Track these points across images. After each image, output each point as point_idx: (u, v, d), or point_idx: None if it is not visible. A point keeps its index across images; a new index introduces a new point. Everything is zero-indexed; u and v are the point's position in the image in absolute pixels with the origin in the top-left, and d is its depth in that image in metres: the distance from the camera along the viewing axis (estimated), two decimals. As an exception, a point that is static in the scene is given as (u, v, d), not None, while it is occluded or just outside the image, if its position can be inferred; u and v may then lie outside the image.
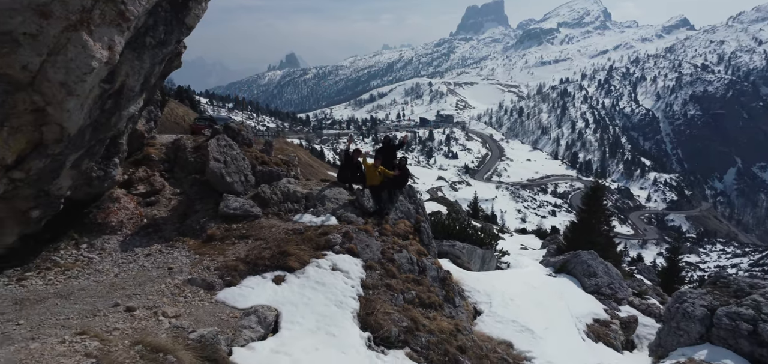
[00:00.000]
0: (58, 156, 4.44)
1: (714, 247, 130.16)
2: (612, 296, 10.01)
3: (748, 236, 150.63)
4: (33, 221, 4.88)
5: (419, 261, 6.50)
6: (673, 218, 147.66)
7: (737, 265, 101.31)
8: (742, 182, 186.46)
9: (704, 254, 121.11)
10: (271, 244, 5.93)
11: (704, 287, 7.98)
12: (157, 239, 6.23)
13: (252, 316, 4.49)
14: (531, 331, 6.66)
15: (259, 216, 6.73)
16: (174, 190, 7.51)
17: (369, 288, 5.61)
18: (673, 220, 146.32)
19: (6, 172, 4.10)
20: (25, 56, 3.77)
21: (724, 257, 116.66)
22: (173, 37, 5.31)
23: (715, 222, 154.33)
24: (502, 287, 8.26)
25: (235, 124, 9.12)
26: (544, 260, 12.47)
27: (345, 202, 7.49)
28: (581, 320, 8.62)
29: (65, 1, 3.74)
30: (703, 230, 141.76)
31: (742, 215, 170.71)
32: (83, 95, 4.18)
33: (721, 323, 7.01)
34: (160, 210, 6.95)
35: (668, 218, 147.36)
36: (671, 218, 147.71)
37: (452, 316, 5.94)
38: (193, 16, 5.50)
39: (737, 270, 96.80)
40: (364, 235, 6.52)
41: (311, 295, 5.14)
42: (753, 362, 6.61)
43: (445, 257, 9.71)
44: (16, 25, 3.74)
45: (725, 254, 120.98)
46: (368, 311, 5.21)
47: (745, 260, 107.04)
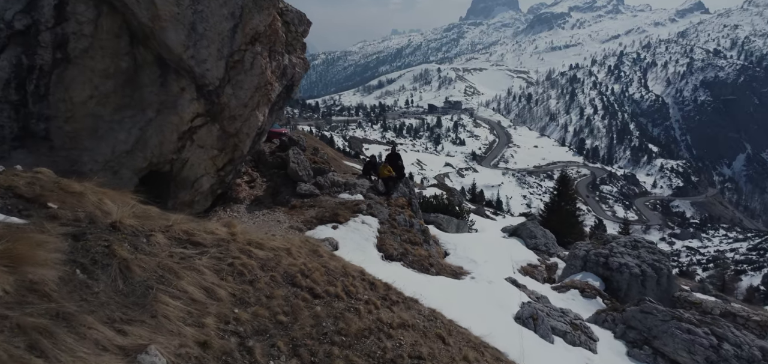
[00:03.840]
0: (237, 163, 9.32)
1: (716, 232, 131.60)
2: (545, 251, 14.80)
3: (753, 222, 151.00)
4: (216, 196, 9.81)
5: (410, 220, 11.32)
6: (678, 204, 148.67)
7: (737, 249, 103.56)
8: (751, 168, 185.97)
9: (706, 239, 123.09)
10: (327, 209, 10.76)
11: (589, 241, 12.78)
12: (263, 207, 11.11)
13: (326, 242, 9.39)
14: (475, 262, 11.45)
15: (318, 195, 11.56)
16: (263, 179, 12.41)
17: (382, 233, 10.42)
18: (678, 206, 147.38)
19: (217, 172, 8.99)
20: (237, 125, 8.58)
21: (726, 241, 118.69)
22: (285, 104, 10.05)
23: (721, 208, 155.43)
24: (465, 242, 13.11)
25: (297, 137, 14.06)
26: (505, 228, 17.24)
27: (368, 187, 12.39)
28: (518, 264, 13.43)
29: (251, 99, 8.51)
30: (707, 215, 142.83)
31: (750, 201, 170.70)
32: (251, 136, 9.01)
33: (590, 259, 11.82)
34: (259, 191, 11.85)
35: (673, 204, 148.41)
36: (676, 204, 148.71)
37: (427, 250, 10.75)
38: (294, 92, 10.28)
39: (735, 254, 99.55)
40: (379, 205, 11.32)
41: (352, 234, 10.00)
42: (603, 278, 11.41)
43: (431, 224, 14.56)
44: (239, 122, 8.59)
45: (727, 239, 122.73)
46: (381, 243, 10.09)
47: (745, 244, 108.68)
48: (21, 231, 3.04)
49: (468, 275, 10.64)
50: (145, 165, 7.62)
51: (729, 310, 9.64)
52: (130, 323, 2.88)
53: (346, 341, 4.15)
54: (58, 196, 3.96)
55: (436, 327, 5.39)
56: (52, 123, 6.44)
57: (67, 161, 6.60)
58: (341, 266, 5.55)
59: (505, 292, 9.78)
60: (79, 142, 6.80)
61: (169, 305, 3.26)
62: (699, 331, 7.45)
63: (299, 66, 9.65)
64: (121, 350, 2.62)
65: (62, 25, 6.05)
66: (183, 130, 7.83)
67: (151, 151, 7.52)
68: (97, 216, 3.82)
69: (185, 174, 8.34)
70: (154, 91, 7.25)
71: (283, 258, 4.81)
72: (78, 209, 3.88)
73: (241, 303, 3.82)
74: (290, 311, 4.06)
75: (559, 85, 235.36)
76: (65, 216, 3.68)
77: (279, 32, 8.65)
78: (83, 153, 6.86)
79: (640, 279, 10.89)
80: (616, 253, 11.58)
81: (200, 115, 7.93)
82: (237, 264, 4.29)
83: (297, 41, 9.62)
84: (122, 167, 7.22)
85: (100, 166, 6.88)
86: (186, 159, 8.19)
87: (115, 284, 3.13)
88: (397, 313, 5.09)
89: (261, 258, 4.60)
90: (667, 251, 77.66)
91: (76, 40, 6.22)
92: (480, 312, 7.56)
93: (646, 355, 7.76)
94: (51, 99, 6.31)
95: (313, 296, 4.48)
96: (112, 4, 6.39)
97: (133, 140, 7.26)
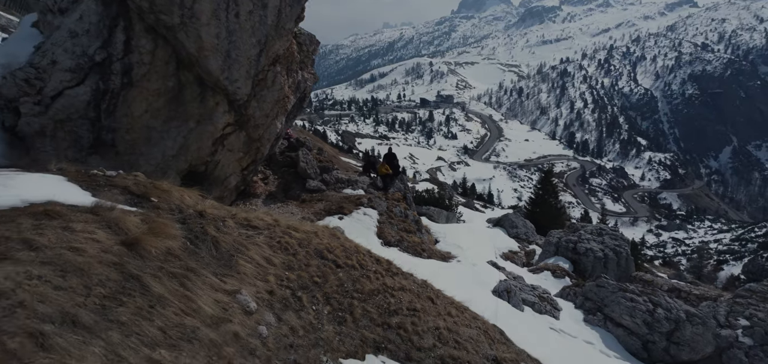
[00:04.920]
0: (257, 164, 10.92)
1: (702, 223, 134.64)
2: (525, 239, 16.62)
3: (738, 214, 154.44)
4: (239, 192, 11.40)
5: (405, 212, 13.00)
6: (665, 196, 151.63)
7: (720, 240, 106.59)
8: (736, 160, 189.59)
9: (692, 230, 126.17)
10: (333, 202, 12.38)
11: (562, 230, 14.62)
12: (277, 201, 12.70)
13: (335, 229, 11.04)
14: (462, 248, 13.19)
15: (325, 190, 13.18)
16: (275, 177, 14.00)
17: (381, 223, 12.09)
18: (665, 198, 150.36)
19: (241, 171, 10.57)
20: (260, 132, 10.16)
21: (710, 233, 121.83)
22: (298, 113, 11.64)
23: (707, 200, 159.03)
24: (453, 231, 14.87)
25: (304, 139, 15.67)
26: (490, 219, 19.04)
27: (368, 183, 14.05)
28: (500, 250, 15.22)
29: (271, 110, 10.11)
30: (693, 207, 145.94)
31: (736, 192, 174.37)
32: (271, 141, 10.61)
33: (561, 245, 13.63)
34: (272, 187, 13.44)
35: (661, 196, 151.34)
36: (663, 196, 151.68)
37: (420, 238, 12.44)
38: (306, 104, 11.82)
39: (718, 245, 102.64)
40: (378, 199, 12.97)
41: (356, 224, 11.66)
42: (572, 261, 13.23)
43: (424, 215, 16.27)
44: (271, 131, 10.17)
45: (712, 230, 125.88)
46: (381, 231, 11.77)
47: (729, 235, 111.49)
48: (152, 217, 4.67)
49: (455, 259, 12.39)
50: (186, 166, 9.19)
51: (675, 286, 11.52)
52: (226, 277, 4.58)
53: (361, 297, 5.90)
54: (155, 192, 5.59)
55: (427, 292, 7.13)
56: (117, 134, 7.99)
57: (128, 164, 8.15)
58: (354, 246, 7.25)
59: (487, 272, 11.55)
60: (137, 149, 8.36)
61: (246, 266, 4.99)
62: (639, 300, 9.26)
63: (310, 80, 11.25)
64: (226, 292, 4.33)
65: (128, 56, 7.59)
66: (216, 137, 9.40)
67: (191, 155, 9.10)
68: (183, 207, 5.48)
69: (217, 173, 9.93)
70: (194, 105, 8.81)
71: (313, 239, 6.50)
72: (170, 201, 5.52)
73: (288, 268, 5.52)
74: (321, 275, 5.78)
75: (549, 79, 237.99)
76: (165, 207, 5.34)
77: (294, 53, 10.24)
78: (140, 157, 8.41)
79: (602, 261, 12.74)
80: (584, 239, 13.41)
81: (230, 124, 9.51)
82: (282, 242, 5.99)
83: (308, 59, 11.20)
84: (169, 168, 8.79)
85: (152, 167, 8.43)
86: (218, 161, 9.78)
87: (211, 251, 4.81)
88: (397, 280, 6.83)
89: (298, 238, 6.28)
90: (648, 241, 79.05)
91: (138, 67, 7.77)
92: (463, 287, 9.28)
93: (598, 320, 9.56)
94: (117, 114, 7.86)
95: (336, 266, 6.20)
96: (166, 38, 7.93)
97: (178, 146, 8.83)
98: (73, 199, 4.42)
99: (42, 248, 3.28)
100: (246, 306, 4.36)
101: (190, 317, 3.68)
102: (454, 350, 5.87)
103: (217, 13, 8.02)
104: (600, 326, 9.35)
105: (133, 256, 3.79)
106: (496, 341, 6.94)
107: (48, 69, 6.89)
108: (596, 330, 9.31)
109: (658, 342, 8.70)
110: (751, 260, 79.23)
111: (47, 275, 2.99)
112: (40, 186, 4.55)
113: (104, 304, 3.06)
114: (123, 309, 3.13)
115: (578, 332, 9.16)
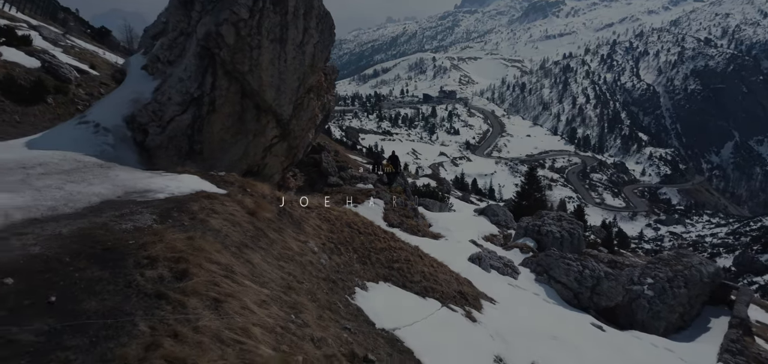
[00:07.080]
0: (293, 165, 14.57)
1: (700, 218, 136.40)
2: (505, 226, 20.17)
3: (738, 208, 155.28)
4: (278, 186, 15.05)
5: (405, 202, 16.60)
6: (665, 191, 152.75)
7: (716, 234, 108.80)
8: (738, 155, 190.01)
9: (690, 225, 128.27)
10: (350, 194, 16.00)
11: (531, 216, 18.15)
12: (305, 193, 16.30)
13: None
14: (450, 230, 16.76)
15: (342, 185, 16.77)
16: (301, 174, 17.63)
17: (386, 210, 15.69)
18: (665, 193, 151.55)
19: (282, 171, 14.16)
20: (297, 142, 13.77)
21: (708, 227, 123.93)
22: (324, 126, 15.26)
23: (706, 195, 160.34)
24: (444, 218, 18.45)
25: (324, 143, 19.26)
26: (476, 209, 22.56)
27: (375, 179, 17.69)
28: (482, 233, 18.77)
29: (306, 125, 13.69)
30: (693, 202, 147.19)
31: (737, 187, 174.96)
32: (304, 148, 14.20)
33: (529, 228, 17.16)
34: (300, 182, 17.08)
35: (661, 191, 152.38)
36: (663, 191, 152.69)
37: (417, 222, 16.02)
38: (330, 119, 15.39)
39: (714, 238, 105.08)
40: (384, 192, 16.56)
41: (367, 210, 15.26)
42: (537, 241, 16.75)
43: (421, 206, 19.84)
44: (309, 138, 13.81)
45: (709, 224, 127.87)
46: (386, 216, 15.38)
47: (725, 229, 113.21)
48: (259, 199, 8.27)
49: (443, 238, 16.00)
50: (245, 167, 12.80)
51: (612, 258, 15.04)
52: (299, 234, 8.23)
53: (375, 251, 9.51)
54: (248, 185, 9.18)
55: (418, 254, 10.74)
56: (204, 145, 11.60)
57: (209, 166, 11.75)
58: (369, 222, 10.86)
59: (467, 247, 15.13)
60: (214, 155, 11.97)
61: (308, 230, 8.64)
62: (574, 264, 12.78)
63: (332, 101, 14.81)
64: (300, 241, 7.99)
65: (213, 92, 11.18)
66: (266, 146, 12.99)
67: (250, 159, 12.70)
68: (265, 194, 9.08)
69: (265, 172, 13.53)
70: (252, 124, 12.39)
71: (343, 216, 10.11)
72: (255, 190, 9.11)
73: (331, 232, 9.13)
74: (350, 238, 9.39)
75: (552, 74, 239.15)
76: (256, 194, 8.93)
77: (322, 83, 13.79)
78: (216, 161, 12.02)
79: (559, 241, 16.25)
80: (547, 223, 16.94)
81: (276, 137, 13.09)
82: (326, 216, 9.62)
83: (331, 85, 14.74)
84: (235, 169, 12.39)
85: (225, 168, 12.04)
86: (266, 163, 13.38)
87: (289, 220, 8.43)
88: (398, 244, 10.46)
89: (335, 215, 9.90)
90: (646, 235, 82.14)
91: (219, 99, 11.35)
92: (447, 257, 12.84)
93: (544, 279, 13.09)
94: (204, 132, 11.45)
95: (359, 233, 9.81)
96: (237, 78, 11.50)
97: (241, 153, 12.43)
98: (210, 189, 7.98)
99: (219, 213, 6.85)
100: (312, 249, 7.98)
101: (288, 250, 7.28)
102: (433, 284, 9.50)
103: (272, 61, 11.61)
104: (545, 283, 12.88)
105: (255, 220, 7.37)
106: (464, 283, 10.55)
107: (166, 103, 10.51)
108: (542, 286, 12.85)
109: (585, 293, 12.23)
110: (742, 252, 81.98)
111: (226, 226, 6.56)
112: (192, 182, 8.15)
113: (252, 240, 6.65)
114: (261, 242, 6.73)
115: (528, 287, 12.71)
